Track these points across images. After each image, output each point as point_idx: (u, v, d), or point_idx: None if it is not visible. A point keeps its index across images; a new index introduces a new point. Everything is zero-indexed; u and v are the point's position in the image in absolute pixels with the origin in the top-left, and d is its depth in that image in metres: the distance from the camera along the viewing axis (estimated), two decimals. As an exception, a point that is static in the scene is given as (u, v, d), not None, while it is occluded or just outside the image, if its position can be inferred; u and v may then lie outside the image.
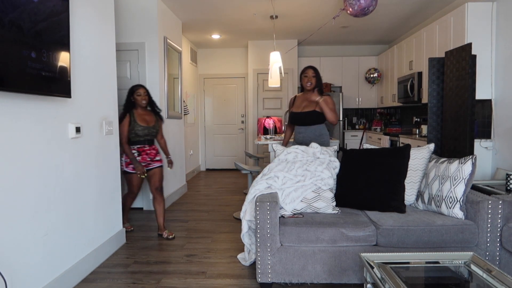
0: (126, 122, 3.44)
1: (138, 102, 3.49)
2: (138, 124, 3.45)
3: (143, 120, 3.51)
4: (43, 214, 2.28)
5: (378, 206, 2.61)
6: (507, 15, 3.79)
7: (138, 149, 3.49)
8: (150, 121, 3.56)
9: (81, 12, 2.75)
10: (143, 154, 3.51)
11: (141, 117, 3.51)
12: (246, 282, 2.62)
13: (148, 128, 3.50)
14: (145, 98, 3.51)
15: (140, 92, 3.49)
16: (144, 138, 3.50)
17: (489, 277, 1.74)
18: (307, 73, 3.53)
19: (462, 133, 3.50)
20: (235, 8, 5.10)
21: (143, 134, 3.47)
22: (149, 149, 3.56)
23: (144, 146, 3.52)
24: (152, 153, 3.58)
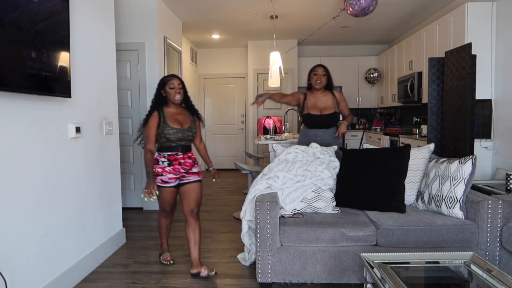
0: (153, 122, 2.68)
1: (171, 97, 2.73)
2: (169, 125, 2.69)
3: (175, 120, 2.74)
4: (43, 214, 2.28)
5: (378, 206, 2.61)
6: (507, 15, 3.79)
7: (168, 157, 2.71)
8: (184, 121, 2.78)
9: (81, 12, 2.75)
10: (174, 164, 2.72)
11: (173, 117, 2.75)
12: (246, 282, 2.62)
13: (182, 130, 2.72)
14: (180, 92, 2.74)
15: (173, 83, 2.72)
16: (176, 144, 2.73)
17: (489, 277, 1.74)
18: (317, 71, 3.39)
19: (462, 133, 3.50)
20: (235, 8, 5.10)
21: (176, 138, 2.70)
22: (183, 157, 2.77)
23: (177, 154, 2.74)
24: (187, 162, 2.78)
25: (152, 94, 4.59)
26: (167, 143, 2.72)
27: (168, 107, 2.78)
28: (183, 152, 2.78)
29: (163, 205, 2.83)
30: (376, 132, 6.74)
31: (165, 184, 2.71)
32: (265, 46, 7.24)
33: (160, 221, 2.96)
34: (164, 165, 2.70)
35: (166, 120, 2.71)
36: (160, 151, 2.75)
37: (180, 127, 2.74)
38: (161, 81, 2.78)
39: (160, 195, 2.75)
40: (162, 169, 2.69)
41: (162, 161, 2.71)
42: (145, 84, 4.60)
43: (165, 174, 2.69)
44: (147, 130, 2.69)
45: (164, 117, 2.73)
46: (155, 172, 2.69)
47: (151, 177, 2.63)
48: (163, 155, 2.72)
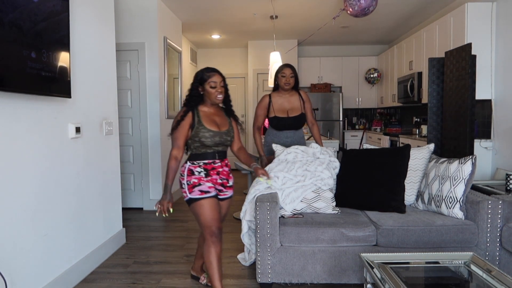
0: (186, 123, 2.23)
1: (211, 97, 2.27)
2: (204, 127, 2.24)
3: (212, 122, 2.29)
4: (43, 214, 2.28)
5: (378, 206, 2.61)
6: (507, 15, 3.79)
7: (205, 166, 2.26)
8: (222, 124, 2.35)
9: (81, 12, 2.75)
10: (212, 174, 2.28)
11: (209, 117, 2.31)
12: (246, 282, 2.62)
13: (219, 134, 2.28)
14: (222, 91, 2.29)
15: (215, 81, 2.26)
16: (213, 150, 2.29)
17: (489, 277, 1.74)
18: (285, 72, 3.26)
19: (462, 133, 3.50)
20: (235, 8, 5.10)
21: (212, 143, 2.25)
22: (221, 165, 2.35)
23: (214, 162, 2.30)
24: (225, 171, 2.37)
25: (152, 94, 4.65)
26: (202, 149, 2.26)
27: (203, 106, 2.33)
28: (221, 159, 2.34)
29: (208, 224, 2.20)
30: (376, 132, 6.74)
31: (205, 195, 2.22)
32: (265, 46, 7.24)
33: (210, 252, 2.21)
34: (201, 176, 2.24)
35: (201, 121, 2.26)
36: (194, 159, 2.27)
37: (217, 130, 2.28)
38: (199, 76, 2.29)
39: (200, 212, 2.20)
40: (198, 179, 2.23)
41: (198, 171, 2.24)
42: (145, 84, 4.60)
43: (203, 183, 2.23)
44: (177, 132, 2.23)
45: (200, 118, 2.27)
46: (191, 184, 2.22)
47: (168, 192, 2.19)
48: (198, 164, 2.26)
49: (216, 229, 2.20)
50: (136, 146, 4.67)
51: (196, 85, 2.30)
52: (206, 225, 2.20)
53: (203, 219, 2.20)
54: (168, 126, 4.98)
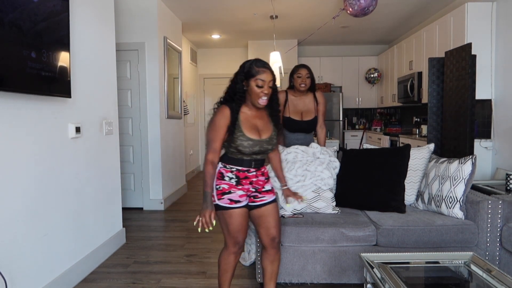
0: (224, 124, 1.93)
1: (254, 97, 1.95)
2: (244, 134, 1.94)
3: (252, 127, 1.99)
4: (43, 214, 2.28)
5: (378, 206, 2.61)
6: (507, 15, 3.79)
7: (237, 173, 1.99)
8: (264, 129, 2.03)
9: (81, 12, 2.75)
10: (244, 182, 2.00)
11: (249, 121, 1.99)
12: (246, 282, 2.62)
13: (260, 143, 1.98)
14: (268, 92, 1.95)
15: (264, 79, 1.92)
16: (251, 158, 2.00)
17: (489, 277, 1.74)
18: (301, 72, 3.13)
19: (462, 133, 3.50)
20: (235, 8, 5.09)
21: (250, 151, 1.96)
22: (256, 174, 2.05)
23: (249, 170, 2.01)
24: (260, 181, 2.07)
25: (152, 94, 4.65)
26: (237, 155, 1.98)
27: (244, 105, 2.01)
28: (257, 168, 2.04)
29: (235, 234, 2.01)
30: (376, 132, 6.74)
31: (235, 204, 1.97)
32: (265, 46, 7.22)
33: (226, 260, 2.09)
34: (232, 183, 1.98)
35: (240, 126, 1.95)
36: (227, 162, 2.00)
37: (258, 138, 1.97)
38: (247, 69, 1.97)
39: (228, 222, 1.99)
40: (229, 185, 1.97)
41: (229, 177, 1.98)
42: (145, 84, 4.60)
43: (234, 191, 1.97)
44: (213, 132, 1.94)
45: (239, 120, 1.96)
46: (220, 190, 1.97)
47: (208, 200, 1.91)
48: (230, 169, 1.99)
49: (242, 240, 2.03)
50: (136, 146, 4.67)
51: (241, 79, 1.96)
52: (232, 235, 2.01)
53: (231, 229, 2.00)
54: (168, 126, 4.98)
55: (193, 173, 7.35)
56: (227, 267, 2.07)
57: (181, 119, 5.65)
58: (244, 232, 2.04)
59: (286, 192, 2.24)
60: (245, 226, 2.02)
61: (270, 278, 2.15)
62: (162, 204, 4.67)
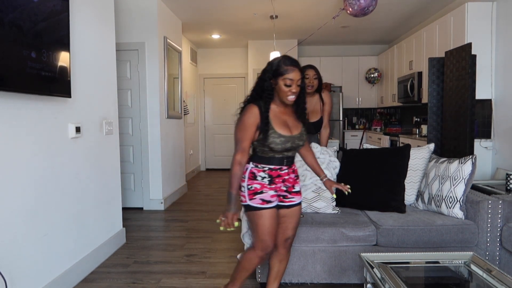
0: (253, 123, 1.90)
1: (282, 95, 1.92)
2: (275, 131, 1.90)
3: (282, 123, 1.95)
4: (43, 214, 2.28)
5: (378, 206, 2.61)
6: (507, 15, 3.79)
7: (270, 172, 1.96)
8: (294, 126, 2.00)
9: (81, 12, 2.75)
10: (277, 182, 1.98)
11: (279, 118, 1.97)
12: (246, 282, 2.62)
13: (292, 139, 1.95)
14: (296, 91, 1.92)
15: (292, 78, 1.89)
16: (282, 155, 1.97)
17: (489, 277, 1.74)
18: (308, 73, 3.08)
19: (462, 133, 3.50)
20: (235, 8, 5.09)
21: (283, 148, 1.93)
22: (288, 172, 2.03)
23: (281, 168, 1.98)
24: (291, 179, 2.05)
25: (152, 94, 4.65)
26: (269, 153, 1.94)
27: (272, 102, 1.97)
28: (288, 165, 2.02)
29: (264, 237, 1.94)
30: (376, 132, 6.74)
31: (267, 205, 1.93)
32: (265, 46, 7.23)
33: (251, 261, 2.02)
34: (264, 182, 1.94)
35: (271, 123, 1.91)
36: (258, 162, 1.96)
37: (289, 134, 1.94)
38: (275, 67, 1.92)
39: (258, 223, 1.93)
40: (261, 185, 1.93)
41: (262, 176, 1.94)
42: (145, 84, 4.60)
43: (266, 191, 1.93)
44: (241, 132, 1.91)
45: (268, 117, 1.92)
46: (252, 189, 1.93)
47: (233, 202, 1.88)
48: (262, 169, 1.95)
49: (271, 245, 1.97)
50: (136, 146, 4.67)
51: (269, 76, 1.92)
52: (261, 237, 1.94)
53: (261, 231, 1.94)
54: (168, 126, 4.98)
55: (193, 173, 7.35)
56: (249, 266, 2.02)
57: (181, 119, 5.65)
58: (273, 236, 1.97)
59: (329, 183, 2.15)
60: (274, 229, 1.97)
61: (275, 277, 2.14)
62: (162, 204, 4.67)
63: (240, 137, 1.90)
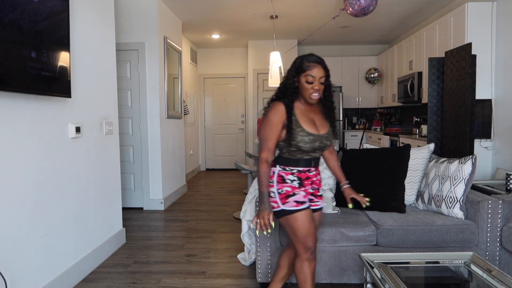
0: (279, 121, 1.83)
1: (304, 93, 1.84)
2: (303, 129, 1.84)
3: (310, 122, 1.89)
4: (43, 214, 2.28)
5: (378, 206, 2.61)
6: (507, 15, 3.79)
7: (299, 174, 1.90)
8: (321, 125, 1.93)
9: (81, 12, 2.75)
10: (306, 184, 1.92)
11: (306, 115, 1.90)
12: (246, 282, 2.62)
13: (320, 138, 1.87)
14: (319, 88, 1.83)
15: (314, 74, 1.80)
16: (310, 156, 1.90)
17: (489, 277, 1.74)
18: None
19: (462, 133, 3.50)
20: (235, 8, 5.09)
21: (311, 148, 1.85)
22: (316, 174, 1.98)
23: (309, 170, 1.93)
24: (318, 181, 2.01)
25: (152, 94, 4.65)
26: (297, 155, 1.87)
27: (298, 101, 1.90)
28: (315, 167, 1.96)
29: (304, 239, 1.86)
30: (376, 132, 6.74)
31: (302, 206, 1.86)
32: (265, 46, 7.23)
33: (301, 269, 1.92)
34: (295, 185, 1.88)
35: (298, 121, 1.85)
36: (286, 164, 1.89)
37: (317, 133, 1.86)
38: (298, 64, 1.86)
39: (296, 227, 1.85)
40: (291, 188, 1.87)
41: (291, 179, 1.88)
42: (145, 84, 4.60)
43: (298, 193, 1.87)
44: (267, 130, 1.83)
45: (295, 115, 1.85)
46: (283, 193, 1.86)
47: (266, 201, 1.81)
48: (291, 171, 1.88)
49: (313, 244, 1.88)
50: (136, 146, 4.67)
51: (293, 74, 1.86)
52: (301, 240, 1.86)
53: (300, 233, 1.85)
54: (168, 126, 4.98)
55: (193, 173, 7.35)
56: (304, 276, 1.90)
57: (181, 119, 5.65)
58: (314, 236, 1.89)
59: (348, 191, 2.05)
60: (313, 229, 1.88)
61: (282, 279, 2.12)
62: (162, 204, 4.67)
63: (266, 135, 1.82)
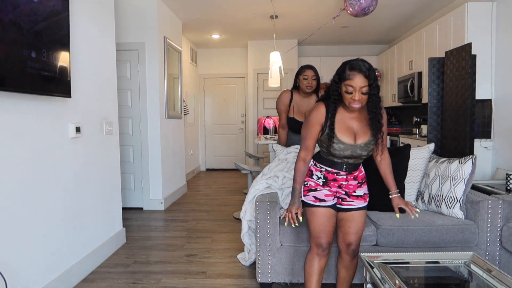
0: (318, 122, 1.87)
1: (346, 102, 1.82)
2: (336, 137, 1.84)
3: (347, 130, 1.87)
4: (43, 214, 2.28)
5: (378, 206, 2.61)
6: (507, 15, 3.79)
7: (326, 173, 1.93)
8: (361, 133, 1.88)
9: (81, 12, 2.75)
10: (331, 184, 1.93)
11: (344, 122, 1.88)
12: (246, 282, 2.62)
13: (353, 148, 1.85)
14: (359, 98, 1.78)
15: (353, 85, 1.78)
16: (342, 161, 1.90)
17: (489, 277, 1.74)
18: (307, 74, 3.15)
19: (462, 133, 3.50)
20: (235, 8, 5.09)
21: (341, 155, 1.86)
22: (347, 178, 1.94)
23: (338, 173, 1.92)
24: (351, 185, 1.96)
25: (152, 94, 4.65)
26: (328, 156, 1.91)
27: (341, 106, 1.88)
28: (348, 171, 1.93)
29: (317, 234, 1.93)
30: (376, 132, 6.72)
31: (320, 203, 1.91)
32: (265, 46, 7.23)
33: (310, 263, 1.97)
34: (319, 183, 1.93)
35: (333, 127, 1.84)
36: (318, 161, 1.95)
37: (352, 143, 1.85)
38: (341, 70, 1.85)
39: (311, 219, 1.93)
40: (315, 184, 1.93)
41: (318, 176, 1.93)
42: (145, 84, 4.60)
43: (320, 189, 1.92)
44: (306, 129, 1.89)
45: (334, 119, 1.85)
46: (307, 186, 1.94)
47: (296, 196, 1.87)
48: (320, 169, 1.93)
49: (325, 242, 1.93)
50: (136, 146, 4.67)
51: (336, 81, 1.85)
52: (314, 235, 1.93)
53: (313, 227, 1.93)
54: (168, 126, 4.98)
55: (193, 173, 7.35)
56: (311, 270, 1.96)
57: (181, 119, 5.65)
58: (328, 235, 1.92)
59: (396, 200, 1.96)
60: (328, 227, 1.92)
61: (342, 283, 2.09)
62: (162, 204, 4.67)
63: (305, 134, 1.89)
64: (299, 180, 1.89)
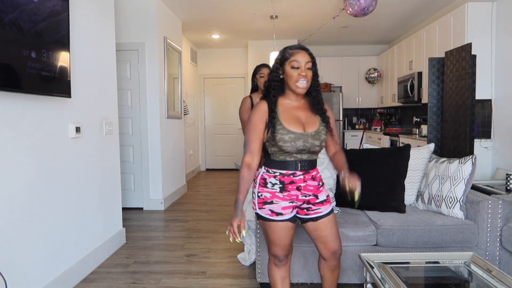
0: (261, 120, 1.74)
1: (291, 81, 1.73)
2: (283, 126, 1.72)
3: (294, 120, 1.76)
4: (43, 214, 2.28)
5: (378, 206, 2.61)
6: (507, 15, 3.79)
7: (281, 177, 1.76)
8: (309, 122, 1.78)
9: (81, 12, 2.75)
10: (289, 189, 1.76)
11: (289, 112, 1.78)
12: (246, 282, 2.62)
13: (304, 136, 1.73)
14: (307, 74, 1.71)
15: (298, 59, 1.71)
16: (295, 158, 1.76)
17: (489, 277, 1.74)
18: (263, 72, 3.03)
19: (462, 133, 3.50)
20: (235, 8, 5.09)
21: (294, 149, 1.72)
22: (304, 178, 1.78)
23: (294, 173, 1.76)
24: (310, 186, 1.80)
25: (152, 94, 4.65)
26: (280, 156, 1.75)
27: (283, 97, 1.79)
28: (304, 171, 1.77)
29: (274, 248, 1.83)
30: (376, 132, 6.74)
31: (277, 217, 1.75)
32: (265, 46, 7.23)
33: (272, 273, 1.92)
34: (275, 190, 1.75)
35: (279, 118, 1.73)
36: (270, 166, 1.78)
37: (301, 131, 1.73)
38: (280, 55, 1.76)
39: (268, 232, 1.80)
40: (271, 194, 1.75)
41: (273, 182, 1.76)
42: (145, 84, 4.60)
43: (276, 202, 1.75)
44: (249, 132, 1.75)
45: (277, 112, 1.74)
46: (262, 198, 1.76)
47: (239, 207, 1.69)
48: (273, 174, 1.76)
49: (282, 255, 1.84)
50: (136, 146, 4.67)
51: (276, 67, 1.75)
52: (270, 248, 1.85)
53: (270, 242, 1.83)
54: (168, 126, 4.98)
55: (193, 173, 7.35)
56: (273, 280, 1.91)
57: (181, 119, 5.65)
58: (284, 248, 1.82)
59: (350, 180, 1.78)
60: (285, 241, 1.80)
61: (330, 286, 1.98)
62: (162, 204, 4.67)
63: (248, 137, 1.74)
64: (243, 190, 1.70)
